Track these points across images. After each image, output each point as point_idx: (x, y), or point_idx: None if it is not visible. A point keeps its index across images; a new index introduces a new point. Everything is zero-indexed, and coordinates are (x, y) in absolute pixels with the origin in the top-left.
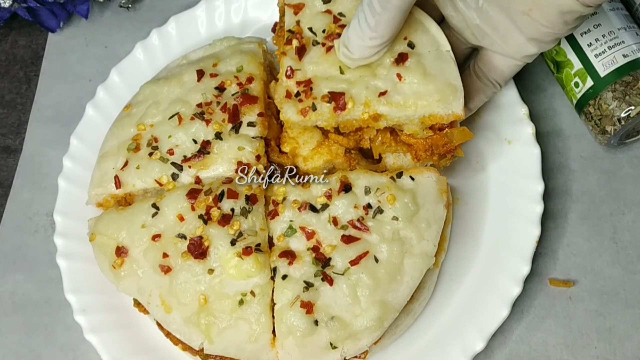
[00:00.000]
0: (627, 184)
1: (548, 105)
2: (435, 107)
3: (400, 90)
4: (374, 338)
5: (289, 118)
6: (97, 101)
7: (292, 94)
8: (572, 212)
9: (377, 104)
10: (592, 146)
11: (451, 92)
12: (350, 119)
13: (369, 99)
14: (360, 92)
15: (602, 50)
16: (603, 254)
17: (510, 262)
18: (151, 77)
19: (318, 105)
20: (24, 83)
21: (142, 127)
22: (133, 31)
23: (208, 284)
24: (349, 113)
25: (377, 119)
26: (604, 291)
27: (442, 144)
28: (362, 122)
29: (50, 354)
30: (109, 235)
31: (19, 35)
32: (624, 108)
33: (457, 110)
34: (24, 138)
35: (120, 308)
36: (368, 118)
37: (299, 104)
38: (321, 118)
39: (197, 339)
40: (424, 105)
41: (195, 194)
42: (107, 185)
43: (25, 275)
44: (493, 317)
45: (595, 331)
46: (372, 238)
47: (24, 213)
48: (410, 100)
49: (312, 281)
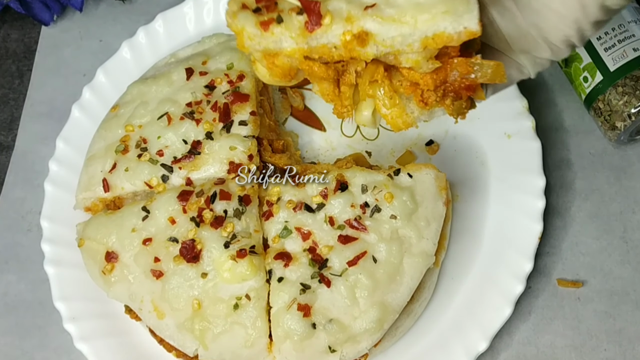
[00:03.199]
0: (637, 181)
1: (555, 100)
2: (441, 21)
3: (392, 2)
4: (373, 340)
5: (244, 27)
6: (83, 102)
7: (251, 8)
8: (581, 211)
9: (364, 19)
10: (602, 142)
11: (461, 2)
12: (328, 45)
13: (352, 13)
14: (340, 5)
15: (612, 44)
16: (613, 254)
17: (513, 259)
18: (139, 76)
19: (285, 17)
20: (16, 78)
21: (130, 128)
22: (129, 24)
23: (202, 289)
24: (326, 31)
25: (364, 41)
26: (613, 292)
27: (461, 77)
28: (344, 48)
29: (43, 356)
30: (98, 240)
31: (11, 28)
32: (635, 104)
33: (470, 25)
34: (17, 134)
35: (111, 315)
36: (351, 39)
37: (259, 16)
38: (288, 34)
39: (192, 345)
40: (426, 20)
41: (186, 195)
42: (95, 189)
43: (18, 275)
44: (496, 316)
45: (604, 333)
46: (370, 238)
47: (16, 212)
48: (407, 13)
49: (309, 283)
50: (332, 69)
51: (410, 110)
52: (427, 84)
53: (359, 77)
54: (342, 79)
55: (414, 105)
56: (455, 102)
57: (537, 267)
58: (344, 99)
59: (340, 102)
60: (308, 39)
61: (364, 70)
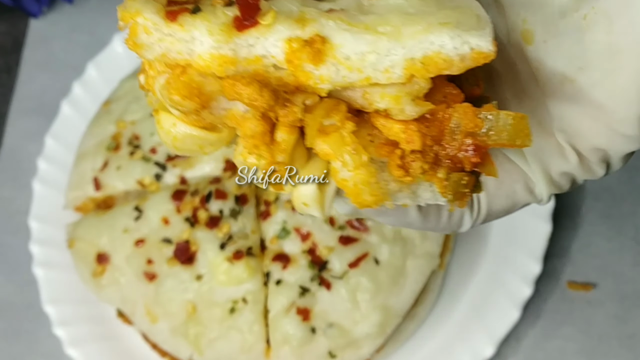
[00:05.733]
0: None
1: None
2: (436, 35)
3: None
4: (375, 345)
5: (139, 12)
6: (74, 98)
7: None
8: (592, 211)
9: (323, 22)
10: None
11: (469, 17)
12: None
13: (307, 15)
14: (290, 5)
15: None
16: (625, 256)
17: (520, 261)
18: (131, 70)
19: (205, 7)
20: (3, 72)
21: (122, 124)
22: None
23: (196, 292)
24: (264, 34)
25: (319, 56)
26: (625, 295)
27: (464, 133)
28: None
29: None
30: (89, 241)
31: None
32: None
33: (480, 42)
34: (4, 131)
35: (102, 319)
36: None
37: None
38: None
39: (186, 351)
40: (415, 32)
41: (180, 195)
42: (86, 188)
43: (6, 278)
44: (503, 320)
45: (616, 338)
46: (372, 238)
47: (3, 211)
48: (390, 21)
49: (309, 286)
50: (268, 91)
51: (383, 179)
52: (411, 140)
53: (309, 112)
54: (282, 115)
55: (388, 175)
56: (451, 175)
57: (546, 269)
58: (277, 151)
59: (270, 155)
60: (235, 42)
61: (317, 106)
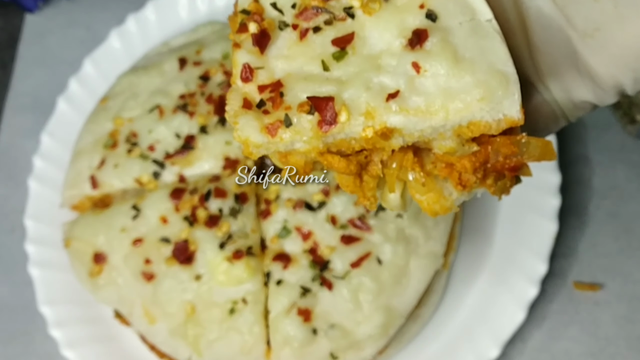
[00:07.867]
0: None
1: None
2: (477, 109)
3: (419, 87)
4: (378, 347)
5: (249, 138)
6: (70, 94)
7: (253, 103)
8: (599, 209)
9: (386, 113)
10: (621, 137)
11: (499, 85)
12: (347, 138)
13: (373, 106)
14: (357, 95)
15: None
16: (633, 255)
17: (526, 261)
18: (129, 66)
19: (293, 118)
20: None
21: (120, 121)
22: (118, 12)
23: (195, 292)
24: (343, 129)
25: (388, 136)
26: (633, 296)
27: (505, 158)
28: (365, 142)
29: None
30: (86, 240)
31: None
32: None
33: (510, 112)
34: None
35: (99, 320)
36: (373, 135)
37: (263, 117)
38: (299, 138)
39: (185, 352)
40: (459, 110)
41: (179, 193)
42: (83, 186)
43: (1, 278)
44: (508, 321)
45: (623, 339)
46: (375, 238)
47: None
48: (437, 102)
49: (310, 286)
50: (354, 163)
51: (448, 192)
52: (465, 167)
53: (385, 167)
54: (366, 170)
55: (451, 187)
56: (498, 182)
57: (552, 269)
58: (366, 189)
59: (363, 193)
60: (323, 139)
61: (390, 159)
